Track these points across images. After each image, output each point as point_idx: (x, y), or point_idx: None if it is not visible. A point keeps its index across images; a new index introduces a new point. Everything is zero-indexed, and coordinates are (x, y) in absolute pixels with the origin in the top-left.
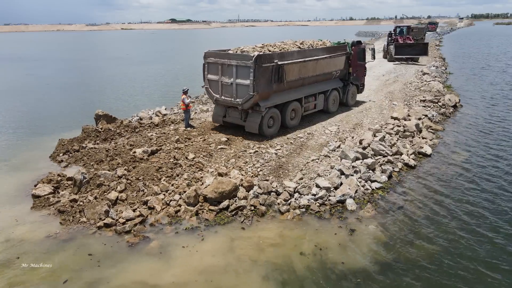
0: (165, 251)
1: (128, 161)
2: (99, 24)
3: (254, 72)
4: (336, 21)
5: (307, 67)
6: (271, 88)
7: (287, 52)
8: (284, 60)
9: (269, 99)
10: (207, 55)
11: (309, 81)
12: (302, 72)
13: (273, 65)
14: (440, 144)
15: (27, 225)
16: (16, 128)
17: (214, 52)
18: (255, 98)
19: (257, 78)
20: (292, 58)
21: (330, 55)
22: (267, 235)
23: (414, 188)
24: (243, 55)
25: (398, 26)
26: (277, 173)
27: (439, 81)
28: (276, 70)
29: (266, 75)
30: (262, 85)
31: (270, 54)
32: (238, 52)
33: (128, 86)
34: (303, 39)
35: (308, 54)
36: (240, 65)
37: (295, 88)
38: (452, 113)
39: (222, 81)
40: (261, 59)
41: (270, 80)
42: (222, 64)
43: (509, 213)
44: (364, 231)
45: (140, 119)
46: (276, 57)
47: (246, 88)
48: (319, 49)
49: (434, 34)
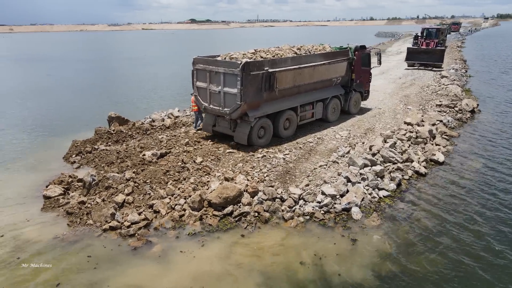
0: (165, 256)
1: (137, 164)
2: (121, 24)
3: (242, 80)
4: (356, 21)
5: (302, 74)
6: (261, 97)
7: (279, 59)
8: (275, 67)
9: (259, 109)
10: (195, 61)
11: (306, 89)
12: (297, 80)
13: (263, 72)
14: (454, 151)
15: (36, 226)
16: (33, 128)
17: (203, 59)
18: (243, 108)
19: (245, 86)
20: (285, 65)
21: (330, 61)
22: (268, 243)
23: (424, 197)
24: (230, 62)
25: (426, 28)
26: (284, 179)
27: (458, 84)
28: (266, 78)
29: (255, 83)
30: (250, 94)
31: (260, 61)
32: (227, 58)
33: (143, 87)
34: (302, 44)
35: (304, 61)
36: (228, 72)
37: (289, 96)
38: (469, 118)
39: (210, 89)
40: (249, 67)
41: (259, 89)
42: (210, 71)
43: None
44: (368, 241)
45: (152, 121)
46: (266, 64)
47: (234, 97)
48: (316, 55)
49: (456, 35)
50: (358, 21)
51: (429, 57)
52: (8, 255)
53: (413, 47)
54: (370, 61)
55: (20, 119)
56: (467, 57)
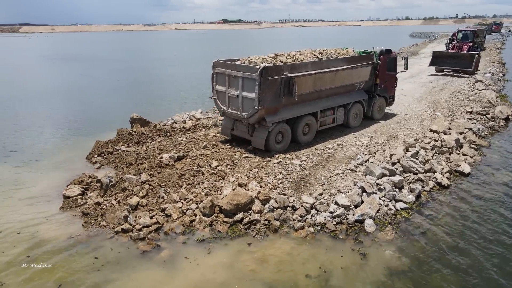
0: (171, 262)
1: (154, 166)
2: (155, 24)
3: (260, 85)
4: (390, 21)
5: (323, 79)
6: (280, 102)
7: (299, 64)
8: (295, 72)
9: (277, 114)
10: (215, 65)
11: (327, 94)
12: (318, 85)
13: (282, 77)
14: (482, 162)
15: (52, 225)
16: (60, 128)
17: (222, 62)
18: (261, 113)
19: (263, 91)
20: (305, 69)
21: (352, 66)
22: (275, 252)
23: (444, 211)
24: (249, 67)
25: (461, 29)
26: (298, 186)
27: (493, 89)
28: (285, 83)
29: (274, 88)
30: (269, 98)
31: (279, 66)
32: (246, 63)
33: (168, 87)
34: (325, 48)
35: (325, 65)
36: (246, 77)
37: (309, 101)
38: (502, 126)
39: (229, 93)
40: (268, 71)
41: (278, 94)
42: (229, 75)
43: None
44: (378, 256)
45: (174, 122)
46: (285, 69)
47: (252, 102)
48: (338, 60)
49: (497, 36)
50: (392, 21)
51: (458, 62)
52: (20, 253)
53: (440, 51)
54: (396, 66)
55: (48, 119)
56: (506, 59)
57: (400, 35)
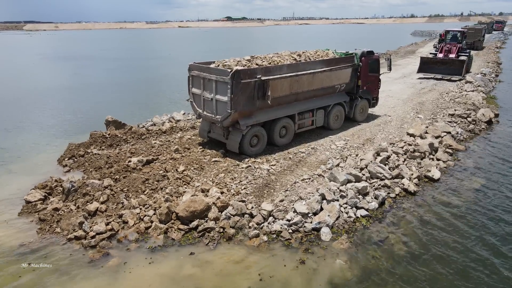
0: (116, 271)
1: (120, 170)
2: (158, 22)
3: (232, 88)
4: (394, 18)
5: (300, 81)
6: (254, 105)
7: (274, 66)
8: (269, 75)
9: (252, 117)
10: (191, 68)
11: (305, 96)
12: (295, 87)
13: (256, 80)
14: (455, 167)
15: (7, 230)
16: (37, 129)
17: (197, 65)
18: (234, 116)
19: (235, 94)
20: (280, 72)
21: (331, 68)
22: (222, 262)
23: (406, 219)
24: (221, 70)
25: (449, 30)
26: (261, 192)
27: (482, 91)
28: (259, 86)
29: (247, 91)
30: (242, 102)
31: (252, 69)
32: (220, 66)
33: (153, 88)
34: (304, 50)
35: (302, 68)
36: (219, 80)
37: (286, 104)
38: (483, 130)
39: (204, 96)
40: (240, 75)
41: (252, 97)
42: (203, 78)
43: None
44: (327, 266)
45: (153, 124)
46: (259, 72)
47: (225, 105)
48: (316, 62)
49: (499, 34)
50: (397, 18)
51: (446, 68)
52: None
53: (427, 57)
54: (379, 67)
55: (26, 120)
56: (503, 59)
57: (402, 33)
